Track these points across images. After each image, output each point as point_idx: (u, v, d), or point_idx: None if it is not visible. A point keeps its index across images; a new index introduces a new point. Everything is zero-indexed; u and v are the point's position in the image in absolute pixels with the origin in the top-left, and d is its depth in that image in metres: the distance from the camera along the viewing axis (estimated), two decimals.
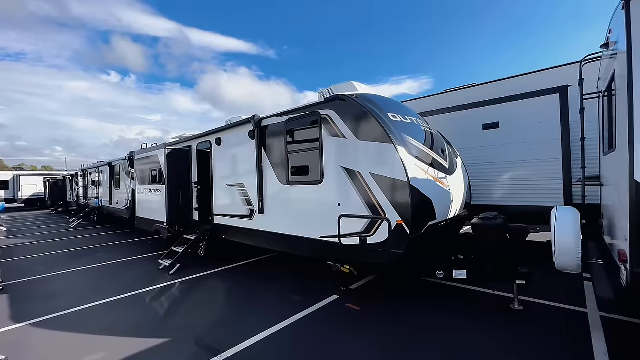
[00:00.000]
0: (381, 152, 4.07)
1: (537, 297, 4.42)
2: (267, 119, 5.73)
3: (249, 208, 6.15)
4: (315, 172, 4.89)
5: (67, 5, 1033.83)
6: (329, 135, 4.66)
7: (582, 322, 3.75)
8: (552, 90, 6.16)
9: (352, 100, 4.41)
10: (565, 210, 3.63)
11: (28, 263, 7.81)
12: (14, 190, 27.06)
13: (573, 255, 3.41)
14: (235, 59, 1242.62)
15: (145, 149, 8.79)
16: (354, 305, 4.50)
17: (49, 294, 5.48)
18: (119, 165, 12.76)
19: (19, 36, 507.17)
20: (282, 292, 5.14)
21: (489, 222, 4.17)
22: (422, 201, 4.04)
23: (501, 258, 4.13)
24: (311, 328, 3.92)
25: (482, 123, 7.07)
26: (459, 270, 4.32)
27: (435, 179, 4.50)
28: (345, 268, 5.03)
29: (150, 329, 4.02)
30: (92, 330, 4.06)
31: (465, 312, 4.16)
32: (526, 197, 6.51)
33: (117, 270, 6.90)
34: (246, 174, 6.19)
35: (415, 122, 4.98)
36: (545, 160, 6.25)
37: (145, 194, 8.81)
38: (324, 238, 4.73)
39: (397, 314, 4.18)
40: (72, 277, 6.49)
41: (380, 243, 4.09)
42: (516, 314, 4.05)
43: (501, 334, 3.59)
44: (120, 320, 4.37)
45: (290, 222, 5.33)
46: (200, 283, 5.87)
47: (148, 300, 5.05)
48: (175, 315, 4.48)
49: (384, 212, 4.04)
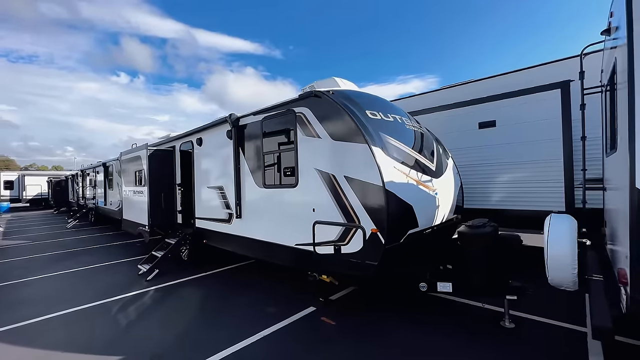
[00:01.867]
0: (355, 153, 3.71)
1: (531, 313, 4.00)
2: (244, 118, 5.40)
3: (228, 212, 5.84)
4: (290, 175, 4.55)
5: (76, 7, 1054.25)
6: (304, 135, 4.31)
7: (580, 343, 3.33)
8: (552, 86, 5.70)
9: (327, 96, 4.05)
10: (560, 218, 3.21)
11: (10, 266, 7.65)
12: (18, 190, 27.36)
13: (568, 270, 3.00)
14: (241, 59, 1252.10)
15: (130, 150, 8.56)
16: (329, 320, 4.14)
17: (18, 301, 5.26)
18: (112, 166, 12.61)
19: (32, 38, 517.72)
20: (258, 302, 4.81)
21: (477, 230, 3.77)
22: (400, 207, 3.66)
23: (490, 270, 3.73)
24: (280, 345, 3.58)
25: (478, 121, 6.63)
26: (444, 283, 3.92)
27: (419, 183, 4.11)
28: (325, 277, 4.68)
29: (106, 345, 3.72)
30: (45, 346, 3.78)
31: (448, 330, 3.76)
32: (525, 200, 6.06)
33: (95, 275, 6.66)
34: (225, 176, 5.88)
35: (399, 120, 4.59)
36: (546, 161, 5.79)
37: (130, 196, 8.59)
38: (299, 246, 4.38)
39: (373, 331, 3.80)
40: (47, 282, 6.27)
41: (354, 253, 3.73)
42: (506, 333, 3.65)
43: (487, 356, 3.20)
44: (79, 333, 4.09)
45: (266, 228, 5.01)
46: (175, 290, 5.58)
47: (115, 311, 4.77)
48: (138, 327, 4.18)
49: (358, 219, 3.67)
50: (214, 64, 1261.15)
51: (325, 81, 5.13)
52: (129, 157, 8.48)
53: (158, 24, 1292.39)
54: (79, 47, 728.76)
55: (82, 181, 18.44)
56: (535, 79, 6.04)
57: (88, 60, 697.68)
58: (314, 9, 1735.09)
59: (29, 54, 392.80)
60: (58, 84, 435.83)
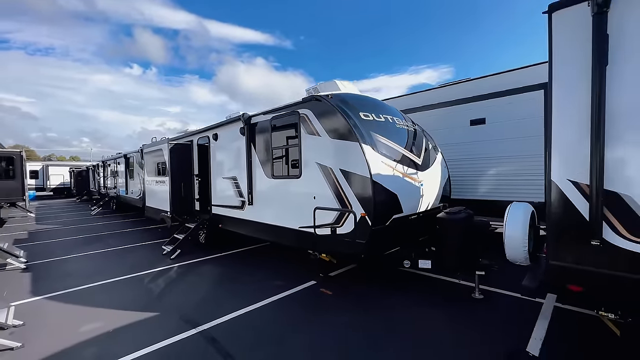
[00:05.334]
0: (348, 150, 4.39)
1: (501, 288, 4.67)
2: (255, 117, 6.12)
3: (241, 199, 6.61)
4: (295, 167, 5.26)
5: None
6: (306, 133, 5.00)
7: (534, 311, 3.99)
8: (536, 87, 6.20)
9: (326, 100, 4.72)
10: (518, 205, 3.84)
11: (49, 247, 8.67)
12: (43, 179, 28.99)
13: (520, 248, 3.63)
14: (251, 49, 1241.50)
15: (153, 143, 9.42)
16: (327, 290, 4.90)
17: (63, 274, 6.19)
18: (133, 157, 13.56)
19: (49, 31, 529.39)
20: (267, 277, 5.60)
21: (452, 216, 4.42)
22: (385, 195, 4.34)
23: (462, 250, 4.39)
24: (285, 307, 4.37)
25: (469, 119, 7.18)
26: (425, 261, 4.62)
27: (404, 175, 4.77)
28: (324, 256, 5.42)
29: (142, 305, 4.57)
30: (94, 304, 4.66)
31: (427, 300, 4.47)
32: (509, 192, 6.63)
33: (124, 254, 7.59)
34: (238, 168, 6.64)
35: (390, 120, 5.22)
36: (528, 156, 6.34)
37: (153, 185, 9.48)
38: (302, 228, 5.12)
39: (364, 300, 4.54)
40: (83, 260, 7.22)
41: (347, 234, 4.45)
42: (476, 302, 4.33)
43: (454, 319, 3.90)
44: (119, 297, 4.96)
45: (274, 213, 5.76)
46: (196, 267, 6.43)
47: (146, 282, 5.64)
48: (167, 294, 5.03)
49: (351, 205, 4.38)
50: (225, 54, 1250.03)
51: (327, 84, 5.79)
52: (152, 150, 9.34)
53: (170, 15, 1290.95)
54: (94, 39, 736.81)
55: (103, 171, 19.63)
56: (524, 80, 6.54)
57: (102, 52, 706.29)
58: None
59: (46, 46, 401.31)
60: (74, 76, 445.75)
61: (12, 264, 6.60)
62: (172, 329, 3.81)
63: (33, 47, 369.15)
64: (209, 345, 3.45)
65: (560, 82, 2.67)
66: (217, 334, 3.68)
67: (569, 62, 2.62)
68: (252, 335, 3.68)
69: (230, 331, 3.77)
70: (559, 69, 2.68)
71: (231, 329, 3.83)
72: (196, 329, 3.81)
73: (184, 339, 3.60)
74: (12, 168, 12.61)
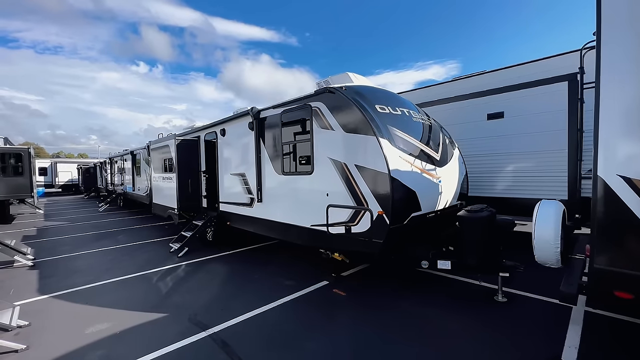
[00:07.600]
0: (365, 144, 4.16)
1: (524, 290, 4.42)
2: (264, 111, 5.91)
3: (250, 197, 6.43)
4: (306, 163, 5.05)
5: None
6: (319, 127, 4.78)
7: (564, 315, 3.74)
8: (560, 78, 5.88)
9: (340, 92, 4.48)
10: (548, 204, 3.58)
11: (57, 243, 8.61)
12: (51, 176, 29.25)
13: (552, 249, 3.39)
14: (257, 46, 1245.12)
15: (159, 139, 9.27)
16: (340, 291, 4.69)
17: (70, 271, 6.08)
18: (140, 154, 13.48)
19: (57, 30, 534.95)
20: (276, 277, 5.42)
21: (474, 215, 4.17)
22: (404, 193, 4.11)
23: (485, 250, 4.15)
24: (297, 310, 4.17)
25: (486, 113, 6.88)
26: (444, 261, 4.38)
27: (423, 171, 4.52)
28: (337, 255, 5.21)
29: (151, 305, 4.42)
30: (101, 304, 4.53)
31: (447, 303, 4.24)
32: (530, 189, 6.33)
33: (132, 252, 7.48)
34: (247, 164, 6.45)
35: (406, 113, 4.97)
36: (551, 152, 6.03)
37: (160, 182, 9.35)
38: (314, 227, 4.91)
39: (379, 301, 4.33)
40: (92, 257, 7.12)
41: (363, 232, 4.23)
42: (499, 306, 4.09)
43: (477, 324, 3.67)
44: (127, 296, 4.82)
45: (285, 211, 5.56)
46: (203, 265, 6.28)
47: (154, 280, 5.50)
48: (176, 294, 4.87)
49: (367, 202, 4.15)
50: (230, 51, 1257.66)
51: (339, 76, 5.55)
52: (158, 146, 9.20)
53: (176, 12, 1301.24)
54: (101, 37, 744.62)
55: (110, 168, 19.65)
56: (544, 72, 6.22)
57: (109, 51, 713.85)
58: None
59: (55, 45, 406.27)
60: (81, 74, 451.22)
61: (19, 261, 6.52)
62: (181, 332, 3.65)
63: (42, 45, 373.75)
64: (221, 350, 3.28)
65: (611, 68, 2.40)
66: (227, 337, 3.50)
67: (620, 45, 2.36)
68: (265, 338, 3.49)
69: (241, 334, 3.59)
70: (608, 54, 2.41)
71: (242, 331, 3.65)
72: (206, 331, 3.64)
73: (193, 342, 3.43)
74: (21, 165, 12.61)
